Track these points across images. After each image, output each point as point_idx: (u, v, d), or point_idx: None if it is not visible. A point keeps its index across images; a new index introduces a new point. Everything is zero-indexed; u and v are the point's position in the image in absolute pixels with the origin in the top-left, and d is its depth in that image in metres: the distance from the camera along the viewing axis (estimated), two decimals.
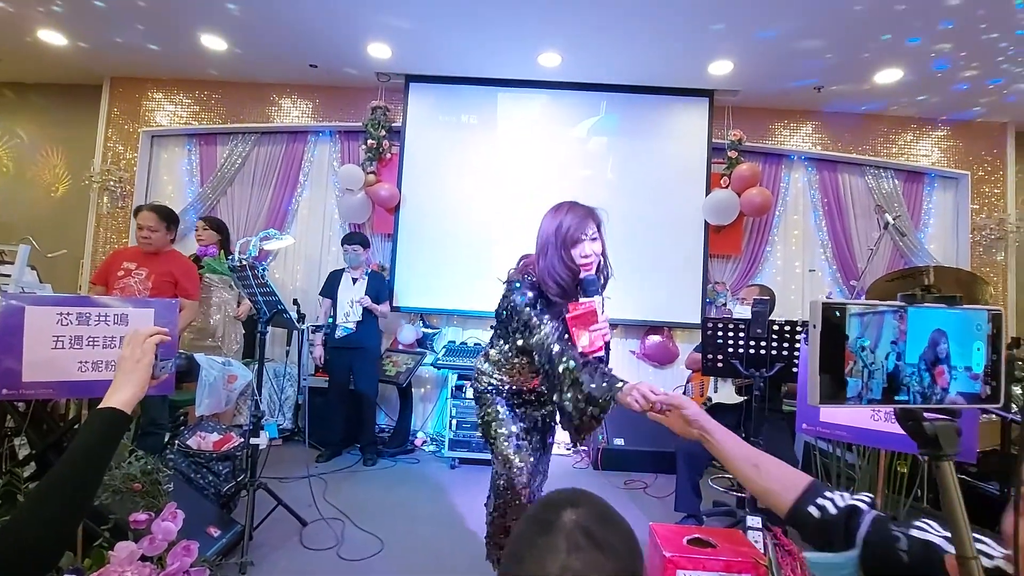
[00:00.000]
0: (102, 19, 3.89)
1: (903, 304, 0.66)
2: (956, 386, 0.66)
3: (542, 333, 1.66)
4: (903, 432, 0.66)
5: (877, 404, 0.65)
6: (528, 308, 1.73)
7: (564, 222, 1.70)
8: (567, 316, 1.68)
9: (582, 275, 1.70)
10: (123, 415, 0.91)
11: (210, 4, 3.65)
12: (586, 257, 1.70)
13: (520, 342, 1.84)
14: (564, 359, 1.59)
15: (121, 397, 0.92)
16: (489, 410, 1.95)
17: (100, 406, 0.90)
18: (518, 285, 1.78)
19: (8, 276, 3.23)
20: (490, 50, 4.13)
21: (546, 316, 1.69)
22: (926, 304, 0.66)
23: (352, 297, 3.90)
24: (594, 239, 1.72)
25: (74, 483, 0.81)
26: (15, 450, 2.27)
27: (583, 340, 1.66)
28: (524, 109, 4.73)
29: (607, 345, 1.74)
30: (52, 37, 4.19)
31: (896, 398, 0.65)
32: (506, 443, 1.89)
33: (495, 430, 1.92)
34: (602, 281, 1.79)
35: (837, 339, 0.64)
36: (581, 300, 1.69)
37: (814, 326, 0.65)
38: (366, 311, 3.88)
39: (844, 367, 0.64)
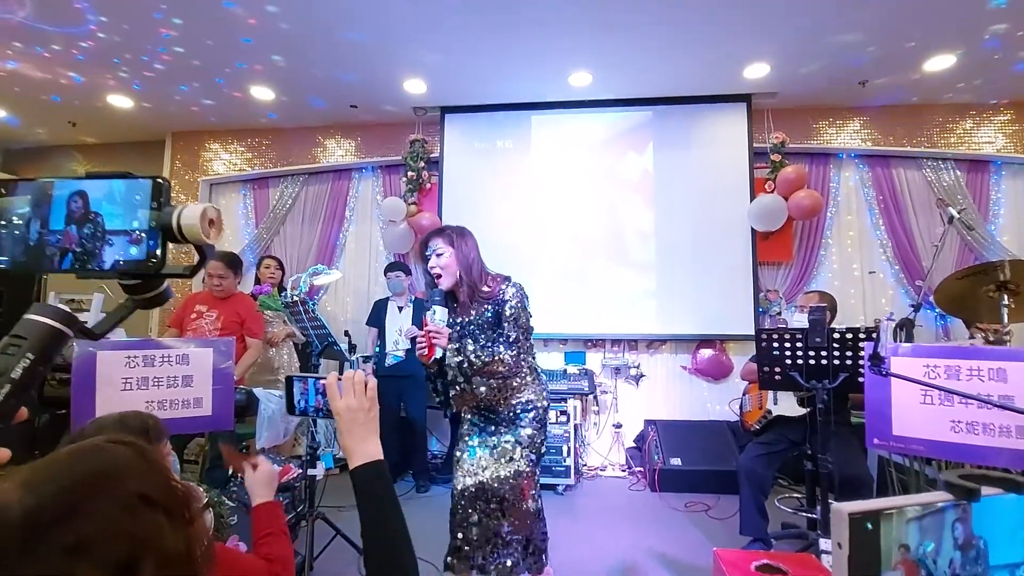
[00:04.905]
0: (163, 80, 4.21)
1: (964, 499, 0.53)
2: None
3: None
4: (987, 444, 0.58)
5: None
6: None
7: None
8: None
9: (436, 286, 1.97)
10: (384, 462, 0.97)
11: (257, 58, 3.89)
12: (432, 268, 1.96)
13: None
14: None
15: (373, 447, 0.97)
16: None
17: (360, 463, 0.94)
18: None
19: (85, 323, 3.46)
20: (520, 75, 4.20)
21: None
22: (992, 493, 0.53)
23: (400, 326, 3.97)
24: (439, 255, 1.95)
25: (393, 535, 0.89)
26: None
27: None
28: (558, 129, 4.76)
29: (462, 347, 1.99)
30: (120, 101, 4.57)
31: None
32: None
33: None
34: (464, 296, 1.98)
35: (870, 555, 0.50)
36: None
37: (839, 545, 0.50)
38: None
39: None
